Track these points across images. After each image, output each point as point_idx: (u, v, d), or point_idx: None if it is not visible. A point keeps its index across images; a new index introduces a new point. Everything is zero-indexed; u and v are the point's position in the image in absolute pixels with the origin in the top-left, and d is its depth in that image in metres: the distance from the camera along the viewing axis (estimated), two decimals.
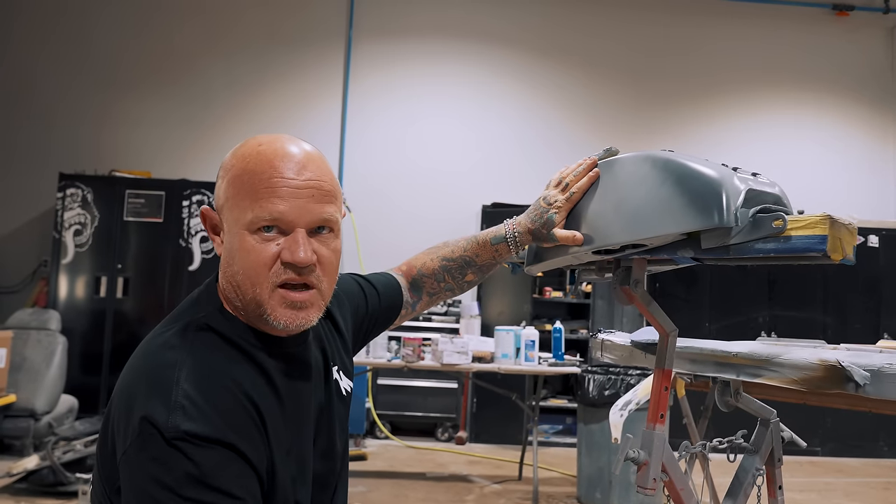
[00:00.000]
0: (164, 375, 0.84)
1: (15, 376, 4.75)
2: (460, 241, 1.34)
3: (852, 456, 5.83)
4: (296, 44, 6.64)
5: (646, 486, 1.26)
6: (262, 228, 0.89)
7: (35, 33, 6.49)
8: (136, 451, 0.79)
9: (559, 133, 6.66)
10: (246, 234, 0.89)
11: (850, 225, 0.98)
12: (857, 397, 1.44)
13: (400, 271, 1.35)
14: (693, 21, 6.97)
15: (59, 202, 5.66)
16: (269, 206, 0.88)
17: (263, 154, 0.91)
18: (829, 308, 6.03)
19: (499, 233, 1.29)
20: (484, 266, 1.32)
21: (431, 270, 1.33)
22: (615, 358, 1.74)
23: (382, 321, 1.30)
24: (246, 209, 0.89)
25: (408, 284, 1.34)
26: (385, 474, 4.76)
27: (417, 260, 1.36)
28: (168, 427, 0.79)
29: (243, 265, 0.90)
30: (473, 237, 1.32)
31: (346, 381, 1.11)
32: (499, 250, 1.29)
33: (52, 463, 3.86)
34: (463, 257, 1.32)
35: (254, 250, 0.89)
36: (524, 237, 1.27)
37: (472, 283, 1.36)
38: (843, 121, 7.01)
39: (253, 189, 0.89)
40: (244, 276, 0.90)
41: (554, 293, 6.26)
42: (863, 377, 1.12)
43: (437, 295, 1.36)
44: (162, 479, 0.77)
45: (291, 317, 0.91)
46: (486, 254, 1.30)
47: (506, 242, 1.28)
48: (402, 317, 1.34)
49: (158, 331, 0.93)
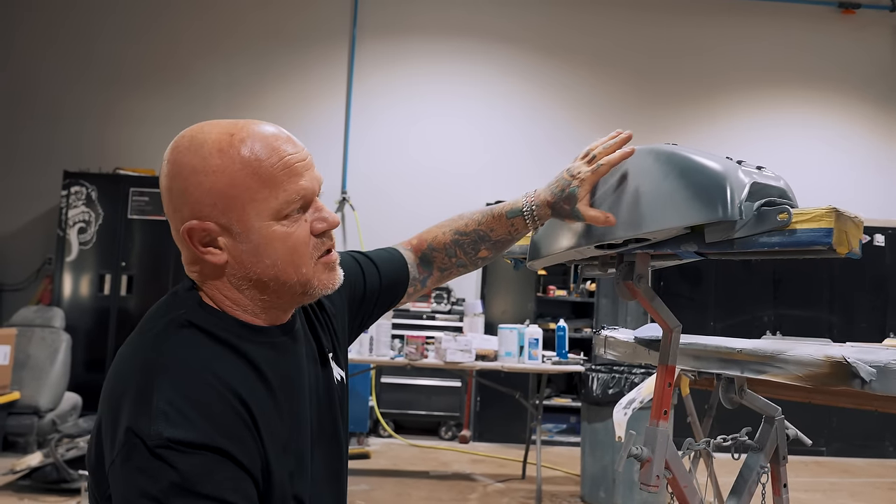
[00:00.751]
0: (147, 382, 0.80)
1: (19, 373, 4.76)
2: (475, 213, 1.24)
3: (858, 456, 5.80)
4: (299, 43, 6.64)
5: (649, 483, 1.25)
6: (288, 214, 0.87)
7: (39, 33, 6.50)
8: (121, 462, 0.77)
9: (564, 132, 6.65)
10: (274, 224, 0.87)
11: (856, 218, 0.97)
12: (863, 395, 1.43)
13: (409, 245, 1.28)
14: (698, 20, 6.94)
15: (64, 200, 5.67)
16: (295, 187, 0.87)
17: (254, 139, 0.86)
18: (835, 307, 6.00)
19: (515, 205, 1.19)
20: (499, 242, 1.23)
21: (442, 244, 1.25)
22: (618, 354, 1.72)
23: (385, 300, 1.23)
24: (268, 199, 0.85)
25: (417, 259, 1.27)
26: (388, 473, 4.76)
27: (429, 233, 1.27)
28: (151, 435, 0.76)
29: (282, 254, 0.87)
30: (489, 210, 1.23)
31: (338, 369, 1.07)
32: (515, 224, 1.20)
33: (55, 460, 3.87)
34: (476, 231, 1.23)
35: (290, 236, 0.88)
36: (542, 210, 1.17)
37: (486, 259, 1.27)
38: (849, 119, 6.98)
39: (270, 176, 0.85)
40: (285, 264, 0.88)
41: (558, 291, 6.25)
42: (869, 373, 1.11)
43: (448, 271, 1.28)
44: (148, 491, 0.75)
45: (334, 278, 0.94)
46: (501, 228, 1.21)
47: (522, 216, 1.19)
48: (410, 295, 1.28)
49: (141, 330, 0.89)
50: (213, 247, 0.88)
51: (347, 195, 6.48)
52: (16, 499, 3.83)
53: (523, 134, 6.68)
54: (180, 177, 0.86)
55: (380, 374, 5.78)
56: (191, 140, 0.87)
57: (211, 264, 0.89)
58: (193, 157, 0.86)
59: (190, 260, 0.92)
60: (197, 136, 0.87)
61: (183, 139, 0.88)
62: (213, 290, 0.91)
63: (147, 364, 0.83)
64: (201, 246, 0.88)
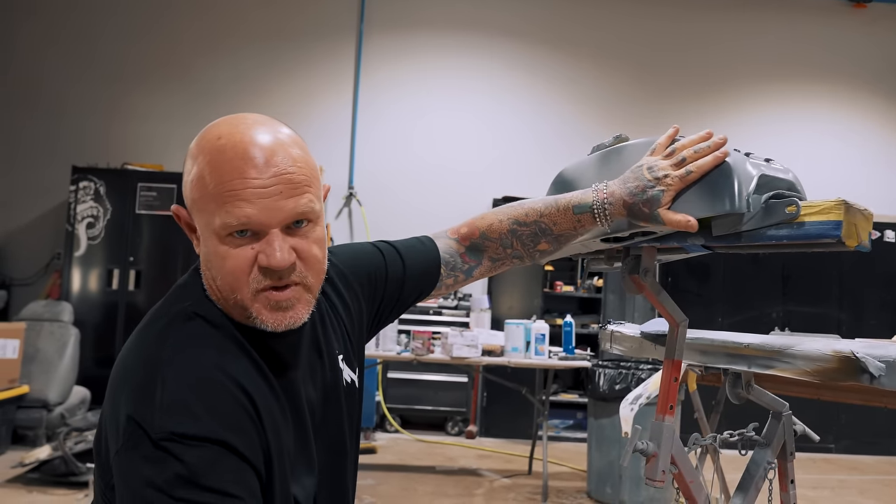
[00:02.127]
0: (150, 374, 0.81)
1: (28, 367, 4.79)
2: (537, 202, 1.13)
3: (867, 453, 5.76)
4: (307, 38, 6.64)
5: (654, 479, 1.24)
6: (233, 234, 0.83)
7: (45, 29, 6.52)
8: (126, 452, 0.77)
9: (571, 126, 6.62)
10: (217, 240, 0.84)
11: (866, 211, 0.95)
12: (872, 391, 1.41)
13: (457, 234, 1.20)
14: (706, 13, 6.89)
15: (72, 195, 5.69)
16: (236, 212, 0.81)
17: (223, 151, 0.82)
18: (844, 304, 5.96)
19: (584, 200, 1.08)
20: (562, 236, 1.13)
21: (499, 234, 1.16)
22: (624, 350, 1.71)
23: (411, 291, 1.17)
24: (213, 213, 0.82)
25: (463, 248, 1.19)
26: (394, 467, 4.76)
27: (483, 220, 1.18)
28: (155, 428, 0.76)
29: (220, 271, 0.85)
30: (553, 201, 1.11)
31: (347, 371, 1.05)
32: (582, 221, 1.09)
33: (63, 453, 3.89)
34: (538, 223, 1.12)
35: (228, 257, 0.83)
36: (617, 210, 1.06)
37: (545, 253, 1.17)
38: (859, 114, 6.92)
39: (217, 192, 0.82)
40: (223, 281, 0.85)
41: (565, 287, 6.24)
42: (878, 368, 1.09)
43: (501, 261, 1.19)
44: (153, 481, 0.75)
45: (279, 318, 0.86)
46: (565, 223, 1.10)
47: (592, 213, 1.07)
48: (450, 286, 1.20)
49: (147, 323, 0.89)
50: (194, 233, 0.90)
51: (354, 190, 6.48)
52: (25, 491, 3.86)
53: (530, 129, 6.66)
54: (186, 161, 0.88)
55: (386, 369, 5.79)
56: (204, 130, 0.88)
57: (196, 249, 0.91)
58: (193, 147, 0.87)
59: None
60: (207, 129, 0.88)
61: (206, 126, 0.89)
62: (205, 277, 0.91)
63: (152, 356, 0.83)
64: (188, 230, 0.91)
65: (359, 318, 1.10)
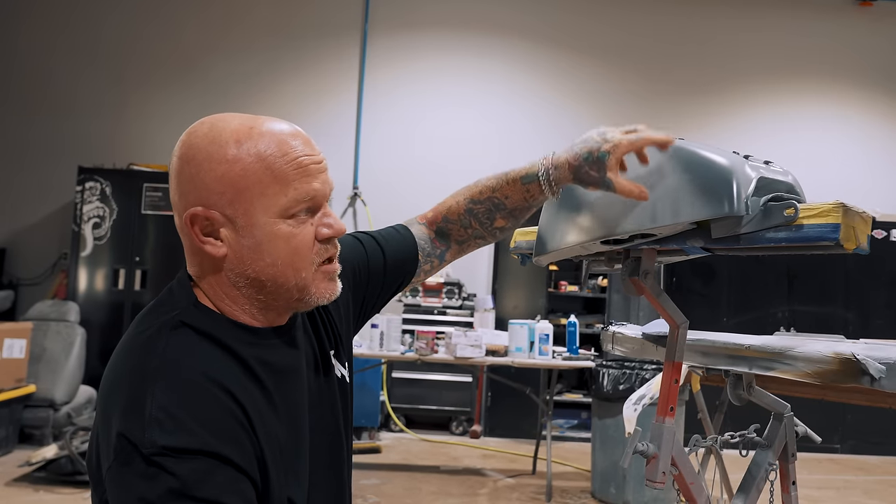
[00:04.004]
0: (139, 387, 0.79)
1: (35, 367, 4.82)
2: (490, 178, 1.15)
3: (872, 453, 5.74)
4: (311, 38, 6.65)
5: (654, 480, 1.25)
6: (297, 213, 0.86)
7: (50, 28, 6.55)
8: (118, 468, 0.77)
9: (577, 125, 6.60)
10: (280, 222, 0.85)
11: (864, 213, 0.95)
12: (876, 392, 1.41)
13: (425, 219, 1.22)
14: (714, 11, 6.87)
15: (79, 195, 5.72)
16: (305, 187, 0.86)
17: (272, 135, 0.86)
18: (850, 304, 5.93)
19: (531, 170, 1.09)
20: (515, 210, 1.14)
21: (457, 215, 1.18)
22: (626, 351, 1.72)
23: (392, 280, 1.18)
24: (277, 195, 0.84)
25: (432, 233, 1.20)
26: (399, 467, 4.77)
27: (444, 204, 1.20)
28: (146, 443, 0.75)
29: (284, 253, 0.86)
30: (504, 174, 1.13)
31: (339, 367, 1.05)
32: (530, 191, 1.10)
33: (70, 452, 3.92)
34: (491, 199, 1.14)
35: (295, 235, 0.86)
36: (562, 174, 1.06)
37: (504, 229, 1.18)
38: (865, 112, 6.88)
39: (283, 172, 0.85)
40: (285, 264, 0.86)
41: (569, 287, 6.23)
42: (878, 370, 1.09)
43: (466, 243, 1.20)
44: (146, 497, 0.74)
45: (333, 289, 0.92)
46: (516, 195, 1.11)
47: (538, 181, 1.08)
48: (428, 271, 1.21)
49: (133, 334, 0.87)
50: (214, 238, 0.87)
51: (359, 190, 6.49)
52: (31, 490, 3.88)
53: (535, 128, 6.66)
54: (194, 161, 0.86)
55: (391, 368, 5.79)
56: (210, 127, 0.87)
57: (210, 257, 0.88)
58: (210, 144, 0.85)
59: (191, 251, 0.90)
60: (216, 124, 0.87)
61: (202, 125, 0.88)
62: (209, 285, 0.90)
63: (140, 368, 0.81)
64: (202, 235, 0.87)
65: (346, 312, 1.11)
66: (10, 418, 4.60)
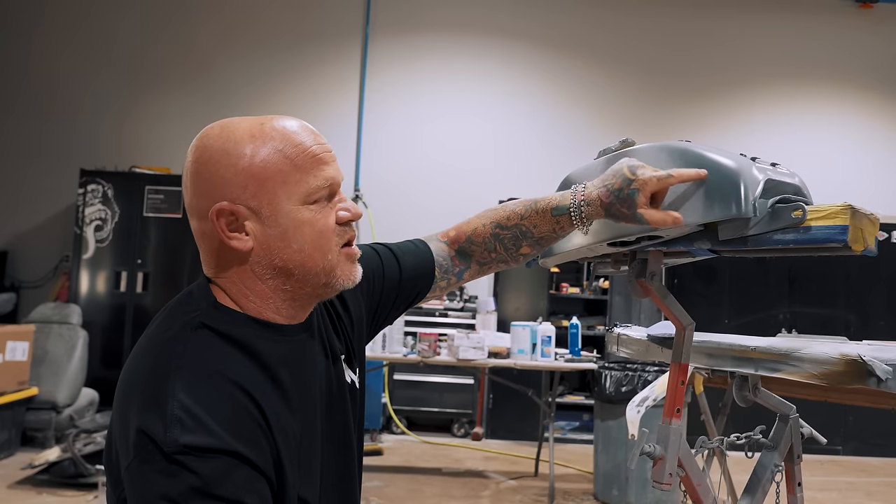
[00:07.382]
0: (160, 386, 0.81)
1: (37, 369, 4.82)
2: (518, 205, 1.15)
3: (875, 455, 5.74)
4: (313, 40, 6.66)
5: (661, 482, 1.25)
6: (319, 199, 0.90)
7: (57, 32, 6.57)
8: (138, 466, 0.78)
9: (578, 129, 6.61)
10: (304, 209, 0.89)
11: (872, 215, 0.96)
12: (880, 394, 1.41)
13: (446, 237, 1.22)
14: (714, 14, 6.88)
15: (81, 198, 5.73)
16: (323, 174, 0.90)
17: (285, 129, 0.91)
18: (851, 305, 5.94)
19: (562, 202, 1.09)
20: (542, 239, 1.14)
21: (482, 238, 1.18)
22: (631, 352, 1.72)
23: (407, 294, 1.19)
24: (299, 182, 0.89)
25: (453, 252, 1.21)
26: (401, 469, 4.77)
27: (468, 224, 1.20)
28: (167, 442, 0.77)
29: (310, 238, 0.90)
30: (533, 203, 1.13)
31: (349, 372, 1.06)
32: (560, 223, 1.10)
33: (73, 455, 3.92)
34: (519, 227, 1.14)
35: (318, 220, 0.90)
36: (594, 211, 1.07)
37: (528, 256, 1.18)
38: (866, 114, 6.89)
39: (303, 161, 0.89)
40: (312, 248, 0.90)
41: (571, 289, 6.23)
42: (885, 371, 1.10)
43: (488, 265, 1.21)
44: (167, 494, 0.76)
45: (355, 271, 0.95)
46: (544, 225, 1.12)
47: (569, 215, 1.09)
48: (444, 288, 1.22)
49: (154, 333, 0.90)
50: (239, 232, 0.89)
51: (360, 192, 6.50)
52: (34, 493, 3.88)
53: (537, 131, 6.66)
54: (211, 161, 0.88)
55: (393, 370, 5.79)
56: (222, 128, 0.90)
57: (235, 253, 0.89)
58: (226, 142, 0.88)
59: (211, 251, 0.91)
60: (228, 126, 0.90)
61: (213, 129, 0.91)
62: (233, 283, 0.91)
63: (160, 368, 0.83)
64: (228, 231, 0.88)
65: (358, 320, 1.12)
66: (13, 421, 4.61)
